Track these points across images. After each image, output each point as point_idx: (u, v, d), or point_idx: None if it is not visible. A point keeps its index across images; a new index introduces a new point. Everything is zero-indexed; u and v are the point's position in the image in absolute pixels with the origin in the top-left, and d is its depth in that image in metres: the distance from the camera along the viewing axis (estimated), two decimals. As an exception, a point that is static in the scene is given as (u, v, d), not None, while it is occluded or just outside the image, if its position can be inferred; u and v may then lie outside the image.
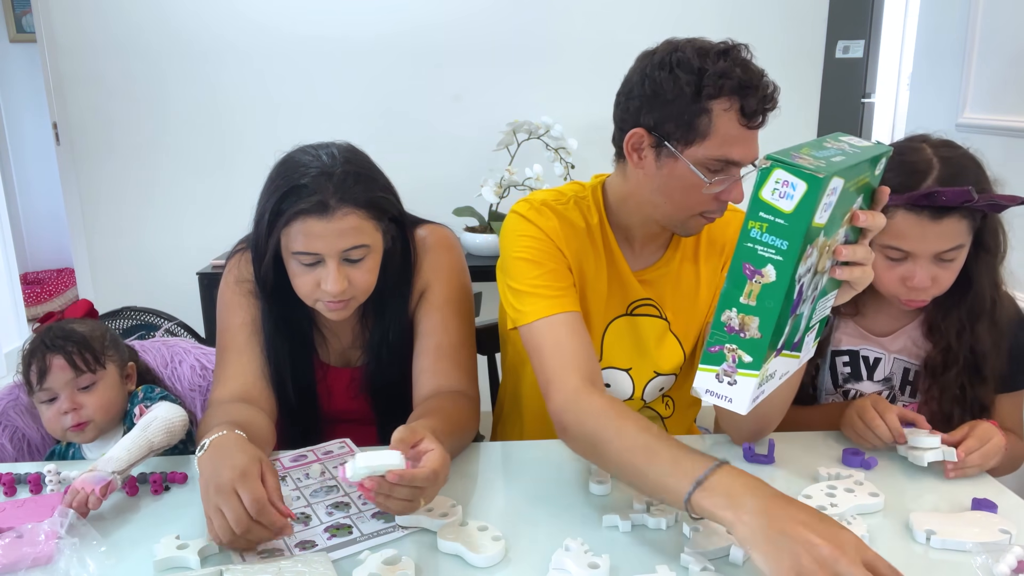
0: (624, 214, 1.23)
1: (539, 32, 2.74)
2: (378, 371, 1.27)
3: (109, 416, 1.21)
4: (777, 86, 1.09)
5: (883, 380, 1.30)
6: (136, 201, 2.97)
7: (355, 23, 2.81)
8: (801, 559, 0.73)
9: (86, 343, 1.19)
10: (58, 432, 1.20)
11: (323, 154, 1.12)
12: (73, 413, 1.16)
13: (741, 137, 1.07)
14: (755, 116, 1.07)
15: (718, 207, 1.13)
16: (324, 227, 1.08)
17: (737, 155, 1.08)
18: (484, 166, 2.71)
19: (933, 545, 0.91)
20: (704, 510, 0.83)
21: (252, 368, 1.21)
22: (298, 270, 1.13)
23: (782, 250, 0.72)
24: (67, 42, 2.85)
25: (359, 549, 0.90)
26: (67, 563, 0.87)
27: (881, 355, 1.29)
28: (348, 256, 1.11)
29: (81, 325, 1.22)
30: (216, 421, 1.06)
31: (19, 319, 3.77)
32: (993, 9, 2.10)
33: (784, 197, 0.70)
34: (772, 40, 2.70)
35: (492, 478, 1.10)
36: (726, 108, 1.06)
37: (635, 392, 1.29)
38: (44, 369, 1.16)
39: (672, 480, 0.86)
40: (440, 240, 1.28)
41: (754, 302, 0.75)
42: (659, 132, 1.10)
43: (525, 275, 1.16)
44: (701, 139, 1.07)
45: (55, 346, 1.17)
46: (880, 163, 0.81)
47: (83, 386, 1.18)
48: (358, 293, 1.16)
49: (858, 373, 1.30)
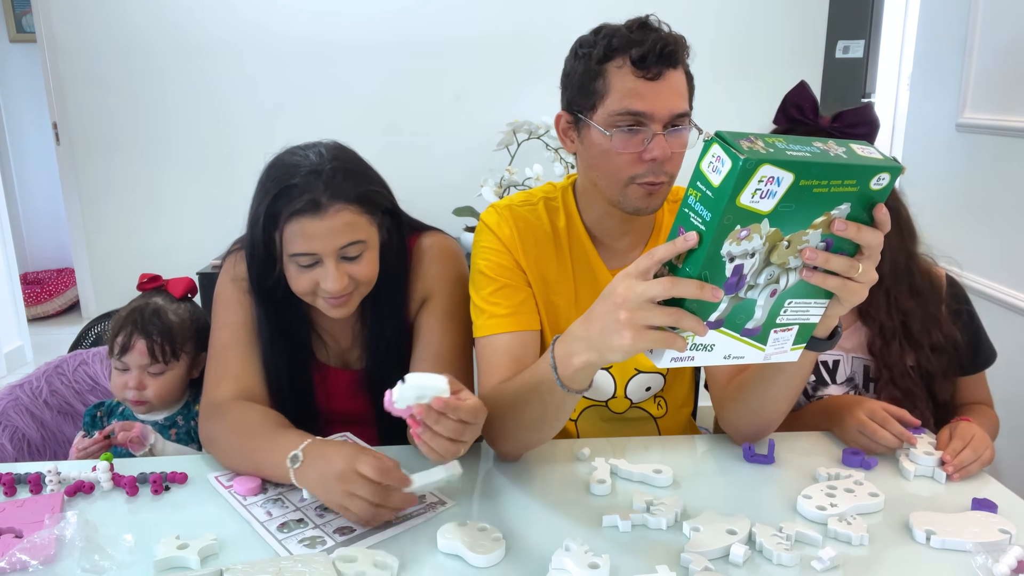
0: (589, 210, 1.24)
1: (539, 32, 2.74)
2: (376, 369, 1.27)
3: (166, 402, 1.32)
4: (677, 40, 1.09)
5: (846, 381, 1.33)
6: (136, 201, 2.97)
7: (355, 24, 2.81)
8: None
9: (171, 335, 1.29)
10: (119, 396, 1.31)
11: (311, 153, 1.12)
12: (136, 391, 1.27)
13: (640, 89, 1.08)
14: (648, 66, 1.07)
15: (646, 168, 1.11)
16: (318, 226, 1.08)
17: (640, 106, 1.08)
18: (484, 166, 2.71)
19: (933, 545, 0.91)
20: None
21: (253, 367, 1.21)
22: (296, 271, 1.13)
23: (706, 220, 0.75)
24: (67, 42, 2.85)
25: (395, 532, 0.95)
26: (67, 563, 0.87)
27: (839, 356, 1.33)
28: (345, 254, 1.11)
29: (174, 313, 1.32)
30: (238, 424, 1.09)
31: (19, 319, 3.77)
32: (993, 9, 2.10)
33: (714, 171, 0.74)
34: (772, 40, 2.70)
35: (492, 478, 1.10)
36: (619, 65, 1.08)
37: (617, 390, 1.29)
38: (127, 346, 1.27)
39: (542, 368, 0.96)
40: (444, 251, 1.29)
41: (679, 263, 0.79)
42: (572, 109, 1.16)
43: (481, 289, 1.20)
44: (601, 99, 1.10)
45: (144, 330, 1.28)
46: (880, 177, 0.80)
47: (154, 372, 1.28)
48: (360, 287, 1.16)
49: (822, 379, 1.33)
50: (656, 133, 1.08)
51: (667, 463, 1.09)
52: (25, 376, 1.47)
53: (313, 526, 0.96)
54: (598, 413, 1.30)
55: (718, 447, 1.18)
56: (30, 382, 1.44)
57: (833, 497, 1.00)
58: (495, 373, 1.14)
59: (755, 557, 0.89)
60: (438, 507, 1.01)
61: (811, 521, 0.96)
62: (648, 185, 1.11)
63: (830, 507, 0.97)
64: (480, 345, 1.19)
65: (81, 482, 1.06)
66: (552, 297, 1.23)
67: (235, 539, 0.94)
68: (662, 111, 1.08)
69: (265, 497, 1.03)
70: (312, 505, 1.01)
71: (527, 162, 2.63)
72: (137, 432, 1.20)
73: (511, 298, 1.18)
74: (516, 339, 1.17)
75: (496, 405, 1.07)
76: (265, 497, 1.03)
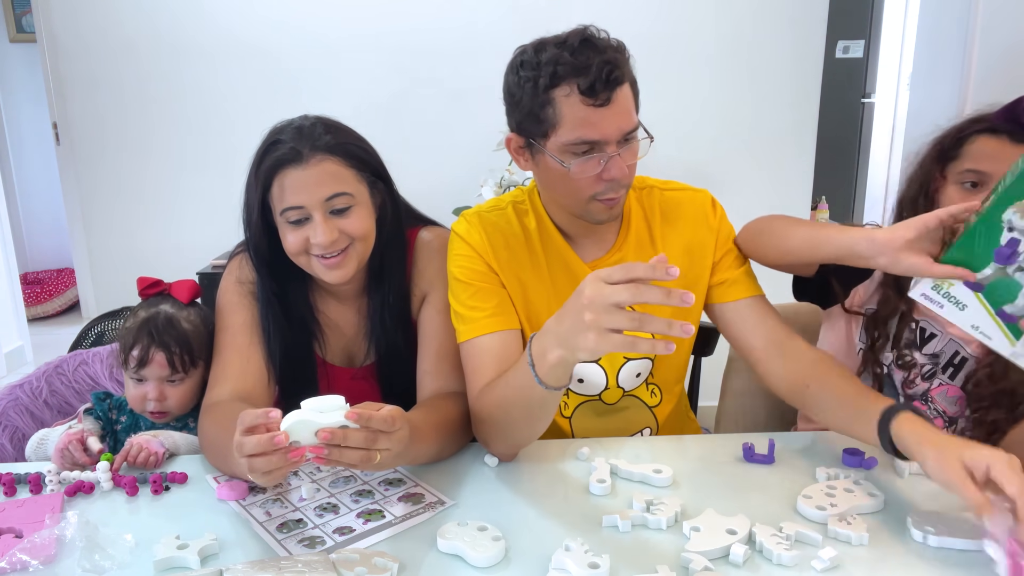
0: (555, 211, 1.25)
1: (539, 32, 2.74)
2: (381, 362, 1.28)
3: (185, 409, 1.29)
4: (618, 59, 1.08)
5: (931, 355, 1.28)
6: (136, 201, 2.97)
7: (355, 23, 2.81)
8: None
9: (188, 344, 1.26)
10: (138, 408, 1.28)
11: (297, 119, 1.19)
12: (157, 402, 1.25)
13: (591, 117, 1.08)
14: (596, 95, 1.07)
15: (606, 186, 1.13)
16: (301, 175, 1.12)
17: (594, 135, 1.09)
18: (484, 166, 2.71)
19: (930, 544, 0.91)
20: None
21: (252, 368, 1.21)
22: (288, 230, 1.15)
23: (1004, 182, 0.87)
24: (67, 42, 2.85)
25: (395, 532, 0.94)
26: (67, 563, 0.87)
27: (938, 332, 1.28)
28: (333, 206, 1.14)
29: (186, 320, 1.28)
30: (221, 422, 1.06)
31: (19, 319, 3.77)
32: (993, 9, 2.10)
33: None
34: (772, 40, 2.70)
35: (492, 478, 1.10)
36: (567, 94, 1.08)
37: (609, 380, 1.29)
38: (145, 359, 1.24)
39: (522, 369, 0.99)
40: (445, 244, 1.29)
41: (973, 219, 0.90)
42: (522, 132, 1.16)
43: (459, 295, 1.21)
44: (553, 129, 1.10)
45: (161, 342, 1.24)
46: None
47: (172, 380, 1.26)
48: (355, 244, 1.17)
49: (914, 341, 1.29)
50: (612, 155, 1.10)
51: (667, 463, 1.09)
52: (25, 376, 1.47)
53: (313, 526, 0.96)
54: (592, 408, 1.30)
55: (718, 447, 1.19)
56: (30, 382, 1.44)
57: (833, 497, 1.00)
58: (482, 375, 1.15)
59: (755, 557, 0.89)
60: (438, 507, 1.01)
61: (811, 521, 0.96)
62: (608, 200, 1.15)
63: (830, 507, 0.97)
64: (465, 350, 1.19)
65: (81, 482, 1.06)
66: (530, 295, 1.25)
67: (235, 539, 0.94)
68: (614, 134, 1.10)
69: (265, 497, 1.03)
70: (312, 505, 1.01)
71: (527, 162, 2.63)
72: (154, 451, 1.13)
73: (488, 300, 1.20)
74: (498, 339, 1.18)
75: (485, 406, 1.10)
76: (265, 497, 1.03)
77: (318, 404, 0.87)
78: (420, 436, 1.02)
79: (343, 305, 1.30)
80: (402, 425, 0.91)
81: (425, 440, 1.05)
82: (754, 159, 2.81)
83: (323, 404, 0.87)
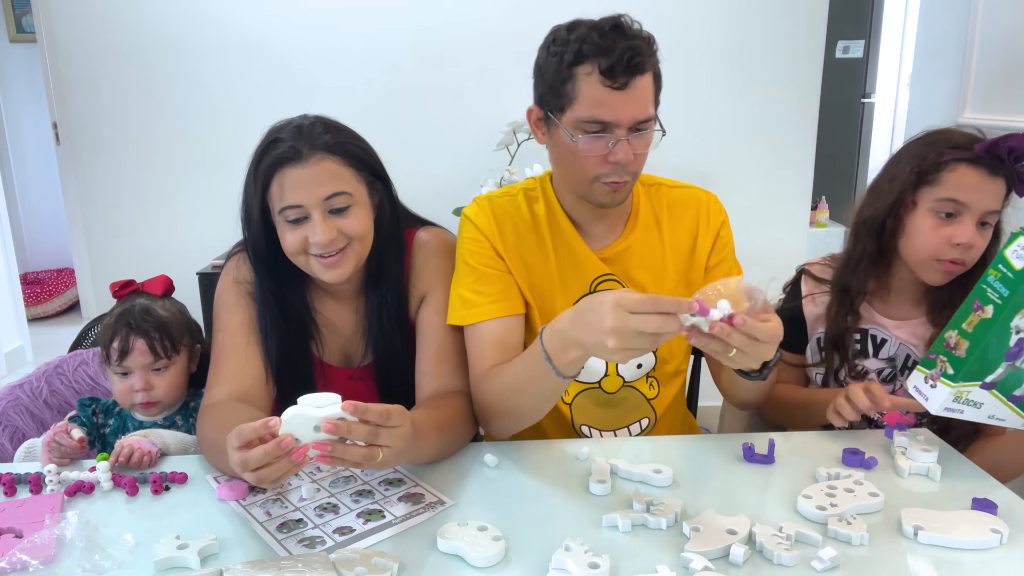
0: (564, 196, 1.28)
1: (540, 32, 2.74)
2: (378, 362, 1.28)
3: (174, 397, 1.31)
4: (643, 47, 1.11)
5: (887, 359, 1.34)
6: (136, 201, 2.97)
7: (355, 23, 2.81)
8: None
9: (167, 329, 1.28)
10: (126, 403, 1.29)
11: (296, 118, 1.20)
12: (144, 392, 1.27)
13: (607, 99, 1.11)
14: (615, 77, 1.09)
15: (610, 168, 1.15)
16: (300, 174, 1.12)
17: (607, 116, 1.11)
18: (484, 166, 2.71)
19: (920, 541, 0.91)
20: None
21: (250, 369, 1.21)
22: (286, 229, 1.16)
23: (1003, 296, 0.95)
24: (67, 42, 2.85)
25: (395, 532, 0.94)
26: (67, 563, 0.87)
27: (888, 336, 1.34)
28: (332, 205, 1.14)
29: (163, 308, 1.31)
30: (219, 422, 1.06)
31: (19, 319, 3.77)
32: (993, 9, 2.11)
33: (1018, 258, 0.94)
34: (772, 40, 2.70)
35: (492, 478, 1.10)
36: (588, 72, 1.11)
37: (609, 368, 1.30)
38: (126, 349, 1.25)
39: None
40: (443, 244, 1.31)
41: (970, 329, 0.99)
42: (542, 105, 1.19)
43: (465, 279, 1.24)
44: (570, 103, 1.13)
45: (140, 329, 1.26)
46: None
47: (157, 368, 1.27)
48: (353, 244, 1.17)
49: (866, 350, 1.36)
50: (620, 139, 1.12)
51: (667, 463, 1.09)
52: (25, 376, 1.47)
53: (313, 526, 0.96)
54: (591, 397, 1.32)
55: (718, 447, 1.19)
56: (30, 382, 1.44)
57: (833, 497, 1.00)
58: (485, 359, 1.20)
59: (755, 557, 0.89)
60: (438, 507, 1.01)
61: (811, 521, 0.96)
62: (612, 184, 1.17)
63: (830, 507, 0.97)
64: (469, 333, 1.23)
65: (81, 482, 1.06)
66: (535, 280, 1.27)
67: (235, 539, 0.94)
68: (627, 119, 1.12)
69: (265, 497, 1.03)
70: (312, 505, 1.01)
71: (527, 162, 2.62)
72: (147, 451, 1.12)
73: (493, 285, 1.23)
74: (502, 325, 1.22)
75: (489, 391, 1.17)
76: (265, 497, 1.03)
77: (314, 400, 0.88)
78: (422, 435, 1.02)
79: (341, 305, 1.30)
80: (404, 422, 0.91)
81: (427, 439, 1.05)
82: (754, 159, 2.81)
83: (319, 400, 0.88)
